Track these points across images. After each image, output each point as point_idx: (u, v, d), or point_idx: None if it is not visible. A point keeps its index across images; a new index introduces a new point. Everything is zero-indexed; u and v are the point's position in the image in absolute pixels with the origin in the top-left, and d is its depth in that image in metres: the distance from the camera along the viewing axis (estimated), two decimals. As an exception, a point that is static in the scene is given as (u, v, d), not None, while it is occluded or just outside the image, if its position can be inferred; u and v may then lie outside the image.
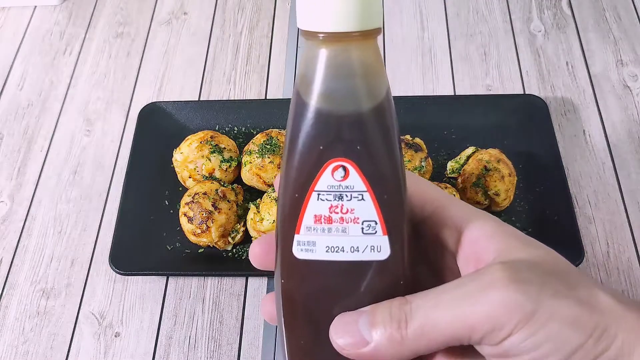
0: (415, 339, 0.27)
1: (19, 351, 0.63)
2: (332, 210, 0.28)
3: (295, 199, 0.28)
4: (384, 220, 0.28)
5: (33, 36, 0.91)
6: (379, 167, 0.27)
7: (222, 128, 0.76)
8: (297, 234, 0.28)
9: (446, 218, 0.31)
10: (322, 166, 0.27)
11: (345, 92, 0.27)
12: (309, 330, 0.30)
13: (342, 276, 0.29)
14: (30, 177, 0.76)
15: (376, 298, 0.29)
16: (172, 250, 0.67)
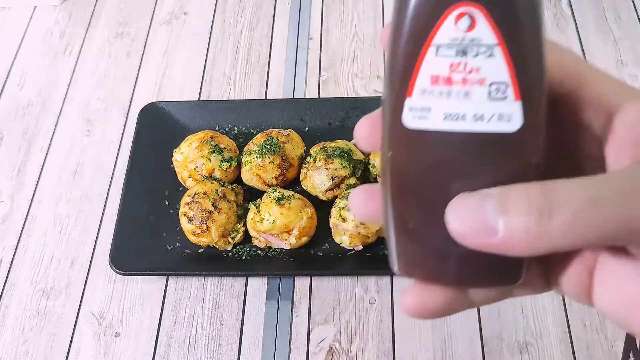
0: (559, 235, 0.22)
1: (19, 351, 0.63)
2: (453, 68, 0.23)
3: (407, 54, 0.23)
4: (517, 83, 0.23)
5: (33, 36, 0.91)
6: (516, 14, 0.22)
7: (222, 128, 0.76)
8: (408, 97, 0.24)
9: (592, 95, 0.26)
10: (443, 13, 0.22)
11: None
12: (419, 214, 0.26)
13: (461, 150, 0.24)
14: (30, 177, 0.76)
15: (502, 179, 0.23)
16: (172, 250, 0.67)
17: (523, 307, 0.63)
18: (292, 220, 0.63)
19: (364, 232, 0.63)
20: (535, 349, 0.60)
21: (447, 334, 0.61)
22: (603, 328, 0.61)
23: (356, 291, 0.65)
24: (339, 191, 0.67)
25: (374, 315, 0.63)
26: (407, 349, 0.61)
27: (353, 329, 0.62)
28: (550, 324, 0.62)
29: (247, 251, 0.66)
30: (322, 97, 0.81)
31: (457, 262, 0.25)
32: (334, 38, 0.88)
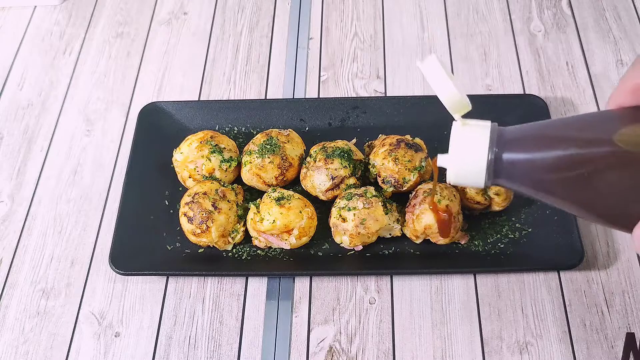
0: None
1: (19, 351, 0.63)
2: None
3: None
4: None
5: (33, 36, 0.91)
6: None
7: (222, 128, 0.76)
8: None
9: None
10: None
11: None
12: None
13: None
14: (30, 177, 0.76)
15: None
16: (172, 250, 0.67)
17: (523, 307, 0.63)
18: (292, 220, 0.63)
19: (364, 232, 0.63)
20: (535, 349, 0.60)
21: (447, 334, 0.61)
22: (603, 328, 0.61)
23: (356, 291, 0.65)
24: (339, 191, 0.67)
25: (374, 315, 0.63)
26: (407, 349, 0.61)
27: (353, 329, 0.62)
28: (550, 324, 0.62)
29: (247, 251, 0.66)
30: (322, 97, 0.81)
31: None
32: (334, 38, 0.88)
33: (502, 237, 0.66)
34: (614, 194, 0.33)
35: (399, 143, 0.67)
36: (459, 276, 0.65)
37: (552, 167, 0.34)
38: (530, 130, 0.36)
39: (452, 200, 0.63)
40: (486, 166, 0.36)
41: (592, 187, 0.33)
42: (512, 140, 0.36)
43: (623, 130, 0.33)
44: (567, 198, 0.35)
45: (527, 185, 0.36)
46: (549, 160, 0.34)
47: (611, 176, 0.33)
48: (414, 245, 0.66)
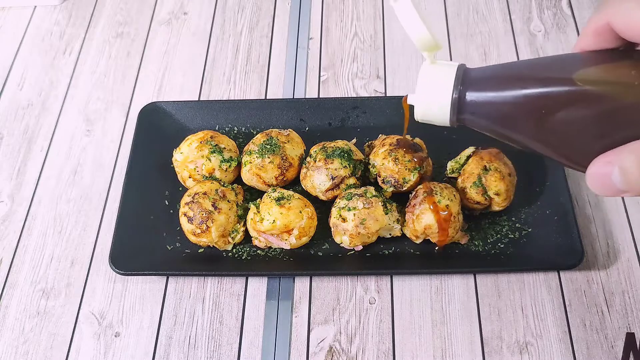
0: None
1: (19, 351, 0.63)
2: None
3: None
4: None
5: (33, 36, 0.91)
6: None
7: (222, 128, 0.76)
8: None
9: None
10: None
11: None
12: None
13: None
14: (30, 177, 0.76)
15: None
16: (172, 250, 0.67)
17: (523, 307, 0.63)
18: (292, 220, 0.63)
19: (364, 232, 0.63)
20: (535, 349, 0.60)
21: (447, 334, 0.61)
22: (603, 328, 0.61)
23: (356, 291, 0.65)
24: (339, 191, 0.67)
25: (374, 315, 0.63)
26: (407, 349, 0.61)
27: (353, 329, 0.62)
28: (550, 324, 0.62)
29: (247, 251, 0.66)
30: (322, 97, 0.81)
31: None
32: (334, 38, 0.88)
33: (502, 237, 0.66)
34: (571, 133, 0.34)
35: (399, 143, 0.67)
36: (459, 276, 0.65)
37: (512, 105, 0.35)
38: (495, 70, 0.38)
39: (452, 200, 0.63)
40: (451, 104, 0.37)
41: (550, 125, 0.34)
42: (476, 78, 0.37)
43: (582, 70, 0.34)
44: (527, 136, 0.36)
45: (490, 123, 0.37)
46: (509, 98, 0.35)
47: (568, 114, 0.34)
48: (414, 245, 0.66)
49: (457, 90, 0.37)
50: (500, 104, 0.36)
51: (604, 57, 0.35)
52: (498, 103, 0.36)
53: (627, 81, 0.33)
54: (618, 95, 0.33)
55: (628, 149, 0.32)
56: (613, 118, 0.33)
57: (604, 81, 0.34)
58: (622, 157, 0.32)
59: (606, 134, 0.33)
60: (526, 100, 0.35)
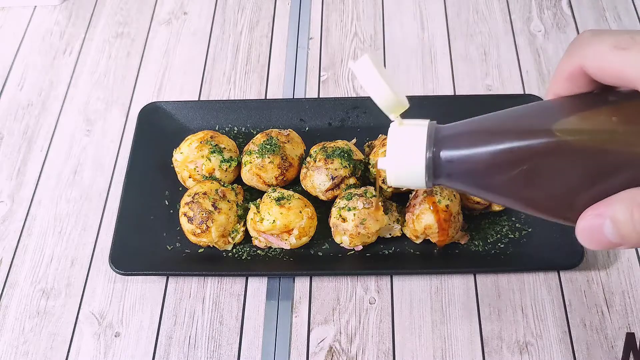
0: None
1: (19, 351, 0.63)
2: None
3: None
4: None
5: (33, 36, 0.91)
6: None
7: (222, 128, 0.76)
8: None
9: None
10: None
11: None
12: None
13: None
14: (30, 177, 0.76)
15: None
16: (172, 250, 0.67)
17: (523, 307, 0.63)
18: (292, 220, 0.63)
19: (364, 232, 0.63)
20: (535, 349, 0.60)
21: (447, 334, 0.61)
22: (603, 328, 0.61)
23: (356, 291, 0.65)
24: (339, 191, 0.67)
25: (374, 315, 0.63)
26: (407, 349, 0.61)
27: (353, 329, 0.62)
28: (550, 324, 0.62)
29: (247, 251, 0.66)
30: (322, 97, 0.81)
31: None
32: (334, 38, 0.88)
33: (502, 237, 0.66)
34: (555, 187, 0.33)
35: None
36: (459, 276, 0.65)
37: (489, 162, 0.33)
38: (467, 126, 0.35)
39: (452, 200, 0.63)
40: (425, 166, 0.35)
41: (532, 180, 0.33)
42: (449, 137, 0.35)
43: (560, 120, 0.32)
44: (509, 194, 0.34)
45: (468, 183, 0.35)
46: (486, 154, 0.33)
47: (550, 168, 0.32)
48: (414, 245, 0.66)
49: (430, 151, 0.35)
50: (477, 162, 0.34)
51: (581, 103, 0.33)
52: (474, 161, 0.34)
53: (609, 128, 0.31)
54: (601, 144, 0.31)
55: (618, 198, 0.30)
56: (598, 168, 0.31)
57: (585, 130, 0.32)
58: (613, 208, 0.30)
59: (593, 185, 0.31)
60: (505, 156, 0.32)
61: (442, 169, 0.35)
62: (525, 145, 0.32)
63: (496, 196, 0.35)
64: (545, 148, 0.32)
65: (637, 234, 0.30)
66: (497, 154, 0.33)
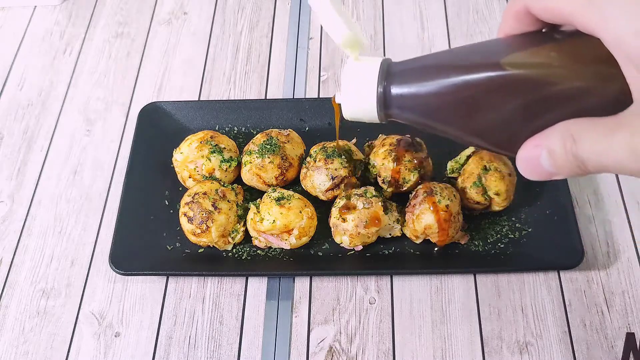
0: (592, 170, 0.32)
1: (19, 351, 0.63)
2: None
3: None
4: None
5: (33, 36, 0.91)
6: None
7: (222, 128, 0.76)
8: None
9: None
10: None
11: None
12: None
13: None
14: (30, 177, 0.76)
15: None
16: (172, 250, 0.67)
17: (523, 307, 0.63)
18: (292, 220, 0.63)
19: (364, 232, 0.63)
20: (535, 349, 0.60)
21: (447, 334, 0.61)
22: (603, 328, 0.61)
23: (356, 291, 0.65)
24: (339, 191, 0.67)
25: (374, 315, 0.63)
26: (407, 349, 0.61)
27: (353, 329, 0.62)
28: (550, 324, 0.62)
29: (247, 251, 0.66)
30: (322, 97, 0.81)
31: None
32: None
33: (502, 237, 0.66)
34: (499, 119, 0.34)
35: (399, 143, 0.67)
36: (459, 276, 0.65)
37: (437, 95, 0.35)
38: (418, 61, 0.37)
39: (452, 200, 0.63)
40: (376, 99, 0.36)
41: (477, 113, 0.34)
42: (401, 71, 0.36)
43: (504, 55, 0.34)
44: (456, 126, 0.36)
45: (418, 116, 0.36)
46: (434, 88, 0.35)
47: (494, 100, 0.33)
48: (414, 245, 0.66)
49: (381, 84, 0.36)
50: (426, 96, 0.35)
51: (526, 40, 0.35)
52: (423, 95, 0.35)
53: (547, 62, 0.33)
54: (539, 78, 0.32)
55: (554, 130, 0.32)
56: (537, 101, 0.33)
57: (524, 64, 0.33)
58: (549, 140, 0.32)
59: (533, 117, 0.33)
60: (451, 90, 0.34)
61: (393, 102, 0.36)
62: (470, 79, 0.34)
63: (445, 128, 0.36)
64: (488, 81, 0.33)
65: (570, 163, 0.31)
66: (444, 88, 0.34)
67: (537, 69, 0.33)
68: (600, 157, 0.30)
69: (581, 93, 0.32)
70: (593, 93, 0.32)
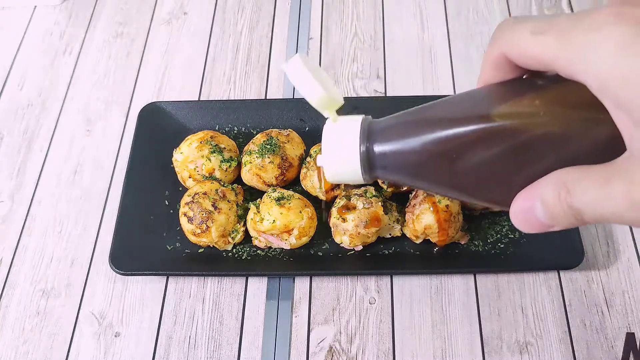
0: (589, 220, 0.30)
1: (19, 351, 0.63)
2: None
3: None
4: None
5: (33, 36, 0.91)
6: None
7: (222, 128, 0.76)
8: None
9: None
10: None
11: None
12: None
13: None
14: (30, 177, 0.76)
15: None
16: (172, 250, 0.67)
17: (523, 307, 0.63)
18: (292, 220, 0.63)
19: (364, 232, 0.63)
20: (535, 349, 0.60)
21: (447, 334, 0.61)
22: (603, 328, 0.61)
23: (356, 291, 0.65)
24: (339, 191, 0.67)
25: (374, 315, 0.63)
26: (407, 349, 0.61)
27: (353, 329, 0.62)
28: (550, 324, 0.62)
29: (247, 251, 0.66)
30: (322, 97, 0.81)
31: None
32: (334, 38, 0.88)
33: (502, 237, 0.66)
34: (486, 173, 0.33)
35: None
36: (459, 276, 0.65)
37: (420, 152, 0.34)
38: (399, 118, 0.36)
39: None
40: (360, 161, 0.35)
41: (462, 168, 0.33)
42: (381, 130, 0.35)
43: (486, 106, 0.33)
44: (443, 183, 0.34)
45: (403, 174, 0.35)
46: (416, 145, 0.34)
47: (480, 154, 0.32)
48: (414, 245, 0.66)
49: (363, 145, 0.35)
50: (411, 153, 0.34)
51: (507, 89, 0.34)
52: (408, 152, 0.34)
53: (532, 111, 0.31)
54: (525, 128, 0.31)
55: (546, 180, 0.31)
56: (525, 152, 0.31)
57: (507, 115, 0.32)
58: (542, 191, 0.31)
59: (523, 169, 0.32)
60: (436, 145, 0.33)
61: (377, 162, 0.35)
62: (453, 134, 0.32)
63: (432, 186, 0.35)
64: (472, 135, 0.32)
65: (566, 214, 0.30)
66: (427, 144, 0.33)
67: (521, 119, 0.32)
68: (597, 207, 0.29)
69: (570, 140, 0.31)
70: (583, 140, 0.31)
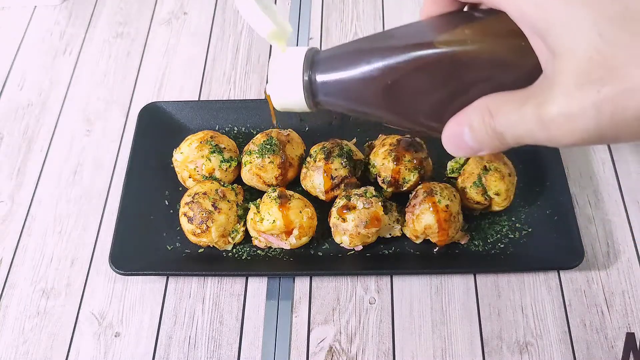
0: (511, 143, 0.32)
1: (19, 351, 0.63)
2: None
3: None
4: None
5: (33, 36, 0.91)
6: None
7: (222, 128, 0.76)
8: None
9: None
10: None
11: None
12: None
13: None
14: (30, 177, 0.76)
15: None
16: (172, 250, 0.67)
17: (523, 307, 0.63)
18: (292, 220, 0.63)
19: (364, 232, 0.63)
20: (535, 349, 0.60)
21: (447, 334, 0.61)
22: (603, 328, 0.61)
23: (356, 291, 0.65)
24: (339, 191, 0.67)
25: (374, 315, 0.63)
26: (407, 349, 0.61)
27: (353, 329, 0.62)
28: (550, 324, 0.62)
29: (247, 251, 0.66)
30: (322, 97, 0.81)
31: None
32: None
33: (502, 237, 0.66)
34: (421, 100, 0.35)
35: (399, 143, 0.67)
36: (459, 276, 0.65)
37: (360, 80, 0.35)
38: (340, 48, 0.37)
39: (452, 200, 0.63)
40: (303, 88, 0.37)
41: (398, 95, 0.35)
42: (324, 59, 0.37)
43: (421, 35, 0.35)
44: (383, 110, 0.36)
45: (344, 101, 0.37)
46: (355, 73, 0.35)
47: (415, 81, 0.34)
48: (414, 245, 0.66)
49: (306, 73, 0.37)
50: (350, 81, 0.36)
51: (443, 21, 0.36)
52: (348, 80, 0.36)
53: (462, 39, 0.33)
54: (455, 56, 0.33)
55: (473, 106, 0.33)
56: (455, 79, 0.33)
57: (439, 42, 0.34)
58: (469, 116, 0.33)
59: (454, 95, 0.33)
60: (374, 73, 0.35)
61: (320, 89, 0.37)
62: (391, 61, 0.34)
63: (373, 112, 0.37)
64: (405, 62, 0.34)
65: (490, 138, 0.32)
66: (367, 71, 0.35)
67: (453, 47, 0.33)
68: (514, 128, 0.31)
69: (496, 68, 0.33)
70: (508, 67, 0.33)
